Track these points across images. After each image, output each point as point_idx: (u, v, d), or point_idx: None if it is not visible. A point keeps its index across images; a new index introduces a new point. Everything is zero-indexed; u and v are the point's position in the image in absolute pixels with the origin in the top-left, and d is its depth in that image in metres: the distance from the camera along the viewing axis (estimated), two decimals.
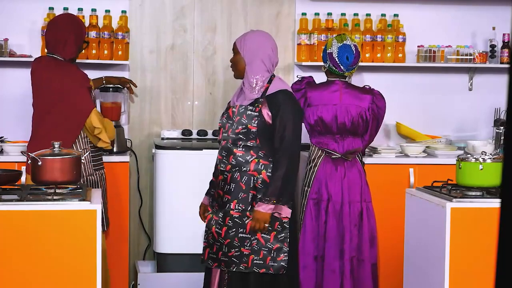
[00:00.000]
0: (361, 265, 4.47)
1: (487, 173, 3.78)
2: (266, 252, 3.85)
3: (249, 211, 3.85)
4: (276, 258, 3.85)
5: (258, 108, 3.87)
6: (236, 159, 3.88)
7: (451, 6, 5.75)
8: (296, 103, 3.98)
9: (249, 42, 3.98)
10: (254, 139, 3.87)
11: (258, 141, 3.86)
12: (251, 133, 3.87)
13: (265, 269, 3.85)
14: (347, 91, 4.52)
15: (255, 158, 3.87)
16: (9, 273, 3.40)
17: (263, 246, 3.84)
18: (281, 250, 3.85)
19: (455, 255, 3.67)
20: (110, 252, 4.94)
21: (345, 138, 4.51)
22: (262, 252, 3.85)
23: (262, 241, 3.84)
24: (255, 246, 3.84)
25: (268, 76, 3.95)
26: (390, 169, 5.17)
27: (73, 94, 4.36)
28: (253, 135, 3.86)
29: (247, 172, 3.86)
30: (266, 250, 3.85)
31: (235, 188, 3.88)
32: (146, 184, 5.55)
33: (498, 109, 5.66)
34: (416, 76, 5.77)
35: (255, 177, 3.86)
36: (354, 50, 4.50)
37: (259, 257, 3.85)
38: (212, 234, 3.93)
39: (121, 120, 5.43)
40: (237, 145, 3.89)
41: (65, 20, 4.54)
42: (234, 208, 3.88)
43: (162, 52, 5.59)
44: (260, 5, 5.63)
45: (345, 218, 4.45)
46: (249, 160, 3.86)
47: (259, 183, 3.86)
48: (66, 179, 3.61)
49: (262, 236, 3.84)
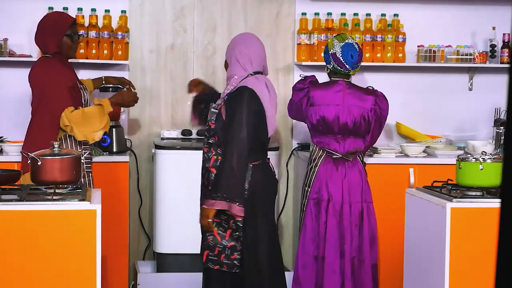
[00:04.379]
0: (362, 265, 4.47)
1: (487, 173, 3.78)
2: (220, 249, 3.87)
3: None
4: (230, 256, 3.87)
5: (220, 106, 3.92)
6: (203, 156, 3.96)
7: (451, 6, 5.75)
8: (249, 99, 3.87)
9: (230, 43, 4.11)
10: (213, 136, 3.92)
11: (216, 138, 3.91)
12: (211, 130, 3.92)
13: (219, 265, 3.88)
14: (350, 92, 4.52)
15: (213, 155, 3.91)
16: (9, 273, 3.39)
17: (218, 243, 3.87)
18: (235, 249, 3.87)
19: (455, 255, 3.67)
20: (110, 252, 4.94)
21: (346, 138, 4.50)
22: (217, 248, 3.88)
23: (218, 238, 3.87)
24: (210, 242, 3.88)
25: (245, 75, 3.95)
26: (390, 169, 5.16)
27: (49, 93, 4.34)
28: (212, 131, 3.92)
29: (208, 168, 3.91)
30: (221, 247, 3.87)
31: (201, 185, 3.98)
32: (146, 184, 5.55)
33: (498, 109, 5.66)
34: (416, 76, 5.77)
35: (213, 174, 3.88)
36: (357, 48, 4.50)
37: (214, 253, 3.88)
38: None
39: (121, 120, 5.43)
40: (204, 142, 3.98)
41: (41, 20, 4.54)
42: (201, 204, 3.94)
43: (162, 52, 5.58)
44: (260, 5, 5.63)
45: (346, 218, 4.45)
46: (210, 157, 3.92)
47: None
48: (65, 179, 3.60)
49: (219, 233, 3.87)
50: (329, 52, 4.51)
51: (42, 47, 4.51)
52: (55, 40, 4.41)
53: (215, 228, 3.87)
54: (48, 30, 4.44)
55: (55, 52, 4.40)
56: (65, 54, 4.45)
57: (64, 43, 4.44)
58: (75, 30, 4.50)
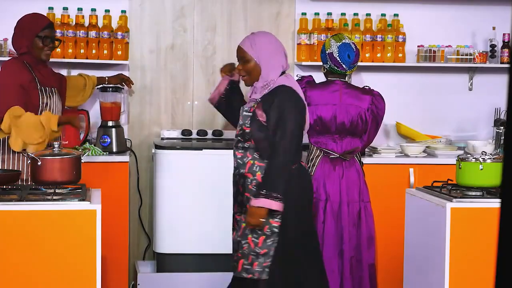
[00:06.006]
0: (360, 265, 4.48)
1: (487, 173, 3.78)
2: (254, 256, 3.77)
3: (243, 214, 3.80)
4: (262, 264, 3.77)
5: (253, 108, 3.81)
6: (236, 161, 3.86)
7: (451, 6, 5.75)
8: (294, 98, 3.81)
9: (263, 44, 3.86)
10: (249, 140, 3.80)
11: (253, 142, 3.80)
12: (246, 134, 3.81)
13: (251, 274, 3.77)
14: (347, 91, 4.52)
15: (250, 160, 3.80)
16: (9, 273, 3.39)
17: (251, 251, 3.77)
18: (267, 255, 3.76)
19: (455, 255, 3.67)
20: (110, 252, 4.94)
21: (343, 138, 4.51)
22: (250, 256, 3.77)
23: (252, 245, 3.77)
24: (245, 250, 3.78)
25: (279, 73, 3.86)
26: (390, 169, 5.16)
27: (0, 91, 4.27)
28: (248, 136, 3.80)
29: (244, 174, 3.81)
30: (254, 254, 3.77)
31: (236, 192, 3.88)
32: (146, 184, 5.55)
33: (498, 109, 5.66)
34: (416, 76, 5.77)
35: (249, 179, 3.79)
36: (354, 48, 4.51)
37: (247, 261, 3.77)
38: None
39: (121, 120, 5.43)
40: (237, 147, 3.86)
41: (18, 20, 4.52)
42: (236, 211, 3.87)
43: (162, 52, 5.58)
44: (260, 5, 5.63)
45: (344, 218, 4.45)
46: (245, 162, 3.81)
47: (253, 185, 3.78)
48: (66, 179, 3.61)
49: (253, 240, 3.77)
50: (326, 52, 4.51)
51: (13, 46, 4.45)
52: (25, 40, 4.35)
53: (250, 236, 3.77)
54: (20, 30, 4.41)
55: (23, 52, 4.36)
56: (35, 55, 4.37)
57: (34, 44, 4.35)
58: (49, 33, 4.40)
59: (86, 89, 5.01)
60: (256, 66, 3.83)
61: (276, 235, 3.76)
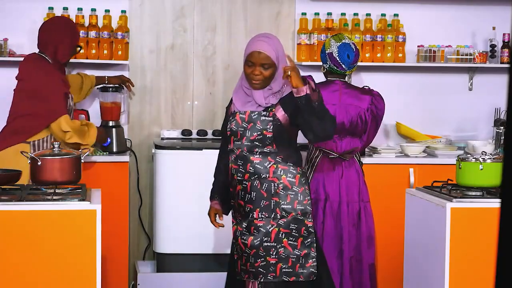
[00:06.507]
0: (360, 265, 4.48)
1: (487, 173, 3.78)
2: (294, 259, 3.74)
3: (272, 219, 3.74)
4: (305, 265, 3.74)
5: (272, 112, 3.73)
6: (254, 167, 3.75)
7: (451, 6, 5.75)
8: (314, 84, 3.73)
9: (279, 47, 3.79)
10: (270, 144, 3.73)
11: (274, 146, 3.73)
12: (267, 139, 3.72)
13: (295, 276, 3.74)
14: (346, 91, 4.52)
15: (273, 164, 3.74)
16: (9, 273, 3.39)
17: (290, 254, 3.73)
18: (309, 256, 3.75)
19: (455, 255, 3.67)
20: (110, 252, 4.94)
21: (343, 138, 4.51)
22: (290, 259, 3.73)
23: (290, 249, 3.73)
24: (282, 254, 3.73)
25: None
26: (390, 169, 5.16)
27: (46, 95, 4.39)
28: (269, 140, 3.72)
29: (267, 179, 3.73)
30: (294, 257, 3.74)
31: (256, 197, 3.76)
32: (146, 184, 5.55)
33: (498, 109, 5.66)
34: (416, 76, 5.77)
35: (276, 183, 3.73)
36: (354, 48, 4.51)
37: (287, 265, 3.73)
38: (239, 245, 3.82)
39: (121, 120, 5.43)
40: (253, 153, 3.75)
41: (62, 24, 4.56)
42: (257, 217, 3.75)
43: (162, 52, 5.58)
44: (260, 5, 5.63)
45: (343, 218, 4.45)
46: (267, 167, 3.73)
47: (280, 189, 3.73)
48: (66, 179, 3.61)
49: (289, 243, 3.73)
50: (325, 52, 4.51)
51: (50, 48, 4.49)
52: (69, 51, 4.50)
53: (285, 239, 3.73)
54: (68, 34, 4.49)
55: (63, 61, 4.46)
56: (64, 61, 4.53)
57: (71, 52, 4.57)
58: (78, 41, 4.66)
59: (83, 88, 5.03)
60: (275, 71, 3.74)
61: (312, 235, 3.76)
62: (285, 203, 3.74)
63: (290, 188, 3.74)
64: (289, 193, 3.74)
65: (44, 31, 4.52)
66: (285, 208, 3.74)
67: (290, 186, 3.75)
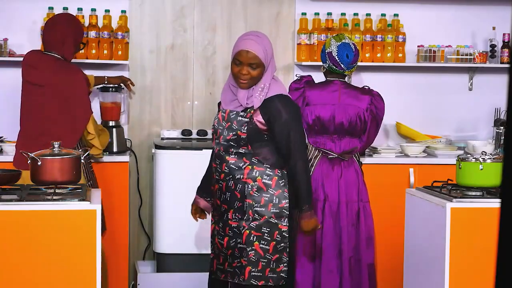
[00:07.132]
0: (359, 265, 4.48)
1: (487, 173, 3.78)
2: (265, 263, 3.67)
3: (245, 221, 3.67)
4: (276, 269, 3.68)
5: (249, 114, 3.65)
6: (229, 167, 3.69)
7: (451, 6, 5.75)
8: (293, 104, 3.74)
9: (268, 46, 3.72)
10: (245, 145, 3.66)
11: (249, 147, 3.66)
12: (241, 140, 3.66)
13: (264, 281, 3.67)
14: (346, 91, 4.52)
15: (248, 165, 3.67)
16: (9, 273, 3.39)
17: (261, 257, 3.67)
18: (280, 261, 3.69)
19: (455, 255, 3.67)
20: (110, 252, 4.94)
21: (342, 138, 4.50)
22: (260, 263, 3.67)
23: (261, 252, 3.66)
24: (252, 257, 3.66)
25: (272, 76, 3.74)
26: (390, 169, 5.17)
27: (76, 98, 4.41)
28: (243, 141, 3.65)
29: (241, 180, 3.67)
30: (265, 261, 3.67)
31: (231, 197, 3.70)
32: (146, 184, 5.55)
33: (498, 109, 5.66)
34: (416, 76, 5.77)
35: (250, 185, 3.66)
36: (353, 48, 4.50)
37: (257, 268, 3.67)
38: (216, 244, 3.80)
39: (121, 120, 5.43)
40: (229, 152, 3.70)
41: (65, 20, 4.55)
42: (231, 218, 3.70)
43: (162, 52, 5.59)
44: (260, 5, 5.63)
45: (342, 218, 4.45)
46: (242, 167, 3.67)
47: (255, 190, 3.66)
48: (65, 179, 3.61)
49: (261, 247, 3.66)
50: (325, 51, 4.51)
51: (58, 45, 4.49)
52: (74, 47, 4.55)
53: (256, 242, 3.67)
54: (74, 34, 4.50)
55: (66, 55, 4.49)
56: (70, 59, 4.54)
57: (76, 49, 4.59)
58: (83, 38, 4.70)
59: None
60: (263, 71, 3.68)
61: (286, 239, 3.69)
62: (259, 205, 3.66)
63: (265, 190, 3.66)
64: (264, 195, 3.66)
65: (50, 30, 4.50)
66: (258, 210, 3.66)
67: (266, 188, 3.66)
